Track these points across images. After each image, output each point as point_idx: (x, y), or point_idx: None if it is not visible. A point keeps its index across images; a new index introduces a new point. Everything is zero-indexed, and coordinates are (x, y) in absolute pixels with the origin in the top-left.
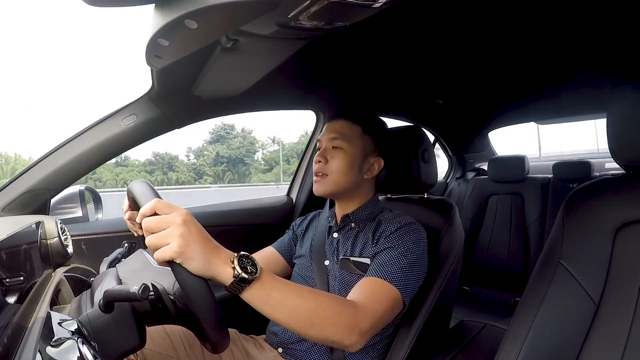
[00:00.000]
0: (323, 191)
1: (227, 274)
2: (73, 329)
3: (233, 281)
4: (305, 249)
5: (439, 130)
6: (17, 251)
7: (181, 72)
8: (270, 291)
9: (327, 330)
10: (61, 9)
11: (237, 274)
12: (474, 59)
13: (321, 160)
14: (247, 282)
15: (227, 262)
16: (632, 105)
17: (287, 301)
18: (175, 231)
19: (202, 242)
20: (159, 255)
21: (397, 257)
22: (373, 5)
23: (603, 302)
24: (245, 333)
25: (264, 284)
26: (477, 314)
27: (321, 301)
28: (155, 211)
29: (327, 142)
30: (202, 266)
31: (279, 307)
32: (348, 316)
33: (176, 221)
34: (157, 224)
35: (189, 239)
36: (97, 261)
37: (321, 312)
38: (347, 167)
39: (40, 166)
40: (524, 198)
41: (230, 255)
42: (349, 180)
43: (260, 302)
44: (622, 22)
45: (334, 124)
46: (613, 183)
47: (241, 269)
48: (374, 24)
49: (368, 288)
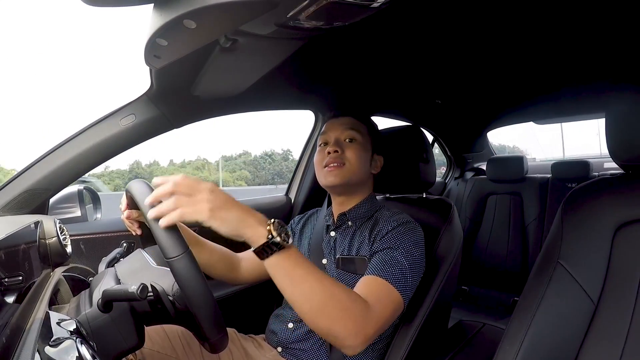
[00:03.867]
0: (340, 181)
1: (260, 234)
2: (72, 329)
3: (265, 242)
4: (303, 248)
5: (438, 130)
6: (15, 251)
7: (180, 72)
8: (294, 265)
9: (336, 322)
10: (60, 9)
11: (271, 236)
12: (473, 58)
13: (337, 149)
14: (278, 247)
15: (262, 223)
16: (630, 105)
17: (307, 279)
18: (204, 196)
19: (233, 206)
20: (188, 214)
21: (397, 258)
22: (372, 5)
23: (602, 301)
24: (244, 332)
25: (291, 256)
26: (476, 314)
27: (339, 291)
28: (178, 189)
29: (339, 134)
30: (235, 225)
31: (298, 284)
32: (359, 313)
33: (206, 188)
34: (187, 187)
35: (218, 204)
36: (95, 261)
37: (336, 302)
38: (364, 158)
39: (39, 166)
40: (522, 198)
41: (266, 219)
42: (363, 172)
43: (283, 272)
44: (621, 23)
45: (344, 119)
46: (612, 183)
47: (277, 233)
48: (373, 24)
49: (374, 290)
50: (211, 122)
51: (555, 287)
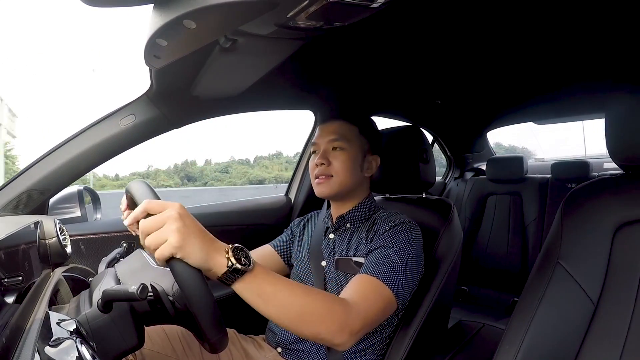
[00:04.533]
0: (329, 192)
1: (221, 264)
2: (72, 329)
3: (226, 271)
4: (303, 250)
5: (438, 130)
6: (15, 251)
7: (180, 72)
8: (262, 284)
9: (318, 327)
10: (59, 9)
11: (230, 264)
12: (473, 58)
13: (323, 162)
14: (240, 272)
15: (221, 252)
16: (630, 105)
17: (278, 295)
18: (172, 226)
19: (199, 234)
20: (159, 254)
21: (390, 256)
22: (371, 5)
23: (601, 302)
24: (244, 333)
25: (256, 276)
26: (475, 314)
27: (313, 298)
28: (148, 212)
29: (326, 144)
30: (200, 258)
31: (270, 301)
32: (339, 314)
33: (171, 216)
34: (152, 224)
35: (186, 232)
36: (95, 261)
37: (312, 309)
38: (351, 166)
39: (39, 166)
40: (522, 198)
41: (225, 247)
42: (353, 180)
43: (252, 294)
44: (620, 24)
45: (330, 125)
46: (611, 183)
47: (235, 259)
48: (373, 24)
49: (361, 287)
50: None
51: (555, 287)
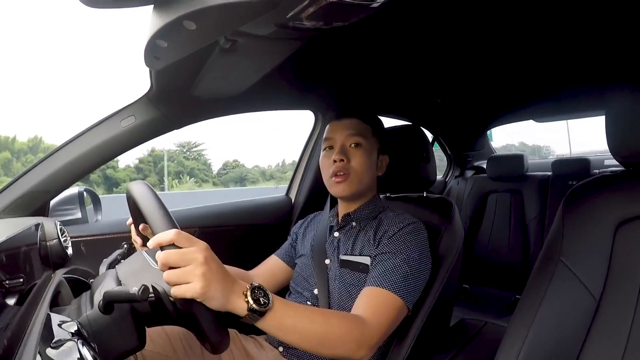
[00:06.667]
0: (349, 192)
1: (242, 308)
2: (73, 331)
3: (248, 314)
4: (306, 249)
5: (438, 129)
6: (16, 253)
7: (180, 73)
8: (282, 319)
9: (337, 348)
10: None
11: (250, 307)
12: (473, 57)
13: (343, 158)
14: (260, 313)
15: (240, 295)
16: (630, 102)
17: (298, 326)
18: (197, 270)
19: (222, 280)
20: (179, 293)
21: (400, 265)
22: (371, 4)
23: (604, 298)
24: (245, 333)
25: (276, 312)
26: (477, 312)
27: (331, 323)
28: (175, 244)
29: (344, 139)
30: (221, 303)
31: (290, 332)
32: (357, 333)
33: (198, 259)
34: (177, 260)
35: (211, 279)
36: (96, 263)
37: (331, 333)
38: (369, 165)
39: (39, 168)
40: (523, 196)
41: (244, 288)
42: (370, 179)
43: (274, 329)
44: (621, 21)
45: (348, 121)
46: (612, 180)
47: (254, 301)
48: (373, 24)
49: (374, 300)
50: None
51: (556, 284)
